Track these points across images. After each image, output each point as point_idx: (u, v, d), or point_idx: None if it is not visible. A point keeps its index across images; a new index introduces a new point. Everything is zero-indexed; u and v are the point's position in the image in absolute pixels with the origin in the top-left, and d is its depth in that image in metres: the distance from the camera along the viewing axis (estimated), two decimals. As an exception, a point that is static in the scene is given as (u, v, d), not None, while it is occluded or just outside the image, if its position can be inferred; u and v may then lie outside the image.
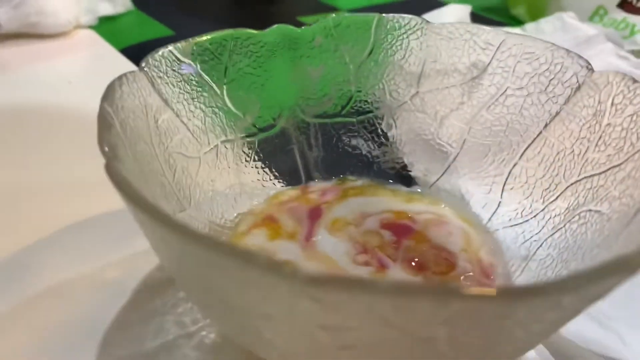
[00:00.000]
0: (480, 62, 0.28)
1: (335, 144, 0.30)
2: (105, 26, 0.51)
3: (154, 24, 0.52)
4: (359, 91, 0.30)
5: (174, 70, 0.25)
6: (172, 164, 0.24)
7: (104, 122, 0.19)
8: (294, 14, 0.54)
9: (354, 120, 0.30)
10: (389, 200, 0.28)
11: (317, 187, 0.29)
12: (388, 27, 0.29)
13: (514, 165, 0.27)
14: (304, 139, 0.30)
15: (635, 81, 0.22)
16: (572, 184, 0.24)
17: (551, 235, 0.24)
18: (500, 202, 0.27)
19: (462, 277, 0.24)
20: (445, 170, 0.29)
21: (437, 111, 0.29)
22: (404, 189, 0.29)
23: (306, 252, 0.25)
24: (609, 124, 0.23)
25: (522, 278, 0.24)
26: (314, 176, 0.30)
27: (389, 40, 0.29)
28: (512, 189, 0.27)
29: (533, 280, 0.23)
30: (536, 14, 0.54)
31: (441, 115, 0.29)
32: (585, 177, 0.23)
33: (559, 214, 0.24)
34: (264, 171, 0.29)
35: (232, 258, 0.13)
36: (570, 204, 0.24)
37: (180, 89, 0.25)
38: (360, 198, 0.28)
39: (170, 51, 0.25)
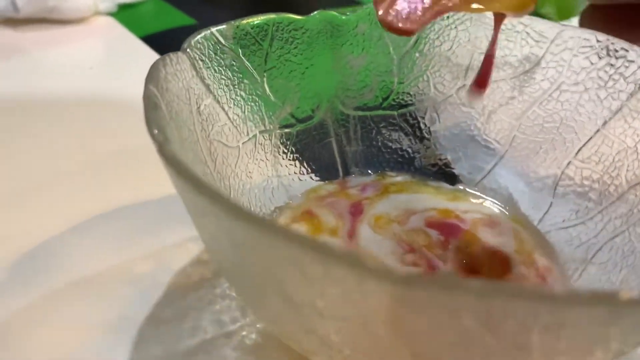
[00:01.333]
0: (533, 55, 0.26)
1: (375, 138, 0.29)
2: (125, 13, 0.49)
3: (174, 12, 0.51)
4: (402, 83, 0.29)
5: (215, 54, 0.23)
6: (213, 152, 0.22)
7: (151, 104, 0.18)
8: (315, 5, 0.53)
9: (395, 113, 0.29)
10: (433, 198, 0.27)
11: (357, 182, 0.28)
12: (433, 15, 0.27)
13: (568, 164, 0.25)
14: (342, 132, 0.28)
15: None
16: (634, 185, 0.22)
17: (612, 238, 0.23)
18: (552, 202, 0.26)
19: (517, 282, 0.23)
20: (492, 168, 0.28)
21: (484, 105, 0.28)
22: (447, 186, 0.28)
23: (351, 250, 0.24)
24: (679, 122, 0.21)
25: (580, 282, 0.23)
26: (352, 171, 0.28)
27: (436, 30, 0.28)
28: (565, 189, 0.25)
29: (594, 285, 0.22)
30: (565, 13, 0.53)
31: (489, 110, 0.28)
32: (652, 178, 0.22)
33: (620, 217, 0.23)
34: (301, 164, 0.27)
35: (311, 252, 0.12)
36: (634, 206, 0.22)
37: (221, 74, 0.24)
38: (403, 195, 0.27)
39: (212, 33, 0.23)
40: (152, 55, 0.42)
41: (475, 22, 0.27)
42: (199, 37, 0.23)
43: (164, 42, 0.45)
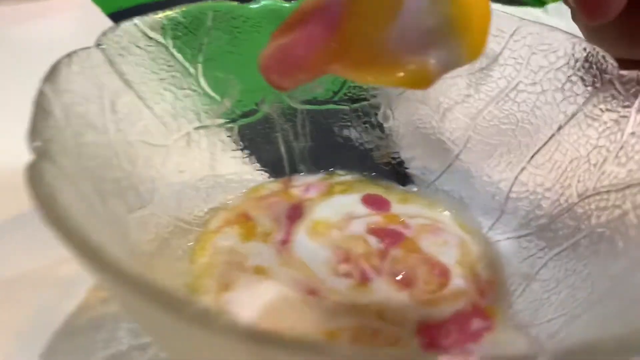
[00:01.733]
0: (491, 50, 0.25)
1: (325, 134, 0.27)
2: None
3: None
4: (354, 76, 0.27)
5: (139, 47, 0.22)
6: (132, 154, 0.21)
7: (40, 110, 0.16)
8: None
9: (347, 107, 0.27)
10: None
11: (302, 182, 0.26)
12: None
13: (522, 169, 0.24)
14: (289, 127, 0.27)
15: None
16: (584, 199, 0.21)
17: (557, 254, 0.21)
18: (504, 209, 0.24)
19: (453, 296, 0.21)
20: (446, 169, 0.26)
21: (440, 103, 0.26)
22: (398, 187, 0.27)
23: (281, 257, 0.22)
24: (632, 133, 0.20)
25: (522, 300, 0.21)
26: (300, 169, 0.27)
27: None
28: (517, 196, 0.24)
29: (534, 304, 0.21)
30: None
31: (444, 108, 0.26)
32: (600, 193, 0.20)
33: (567, 231, 0.21)
34: (242, 162, 0.26)
35: (163, 306, 0.11)
36: (581, 221, 0.21)
37: (145, 68, 0.22)
38: (348, 196, 0.26)
39: (135, 25, 0.22)
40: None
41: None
42: (118, 29, 0.21)
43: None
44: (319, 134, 0.27)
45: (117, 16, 0.44)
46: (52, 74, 0.18)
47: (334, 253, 0.23)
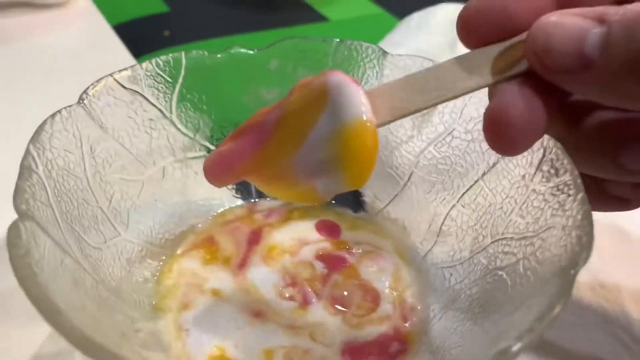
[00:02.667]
0: (432, 98, 0.27)
1: (289, 163, 0.31)
2: (104, -2, 0.51)
3: (152, -4, 0.52)
4: (316, 112, 0.30)
5: (116, 98, 0.25)
6: (108, 190, 0.25)
7: (25, 169, 0.20)
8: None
9: (309, 140, 0.30)
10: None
11: (264, 207, 0.30)
12: (346, 54, 0.29)
13: (452, 207, 0.27)
14: (256, 158, 0.30)
15: (564, 152, 0.22)
16: (494, 242, 0.24)
17: (469, 288, 0.24)
18: (436, 240, 0.27)
19: (379, 320, 0.25)
20: (393, 199, 0.29)
21: (389, 141, 0.29)
22: (351, 213, 0.30)
23: (236, 281, 0.26)
24: (534, 190, 0.23)
25: (438, 325, 0.25)
26: (265, 194, 0.30)
27: (346, 67, 0.29)
28: (449, 229, 0.27)
29: (446, 332, 0.24)
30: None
31: (392, 145, 0.29)
32: (504, 239, 0.23)
33: (480, 269, 0.24)
34: (213, 189, 0.29)
35: None
36: (489, 261, 0.24)
37: (123, 115, 0.26)
38: (303, 222, 0.29)
39: (114, 80, 0.25)
40: (120, 48, 0.44)
41: (382, 62, 0.28)
42: (98, 86, 0.25)
43: (136, 31, 0.47)
44: (283, 164, 0.30)
45: (122, 28, 0.48)
46: (36, 135, 0.22)
47: (282, 278, 0.26)
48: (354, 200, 0.30)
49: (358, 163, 0.19)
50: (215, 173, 0.22)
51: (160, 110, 0.27)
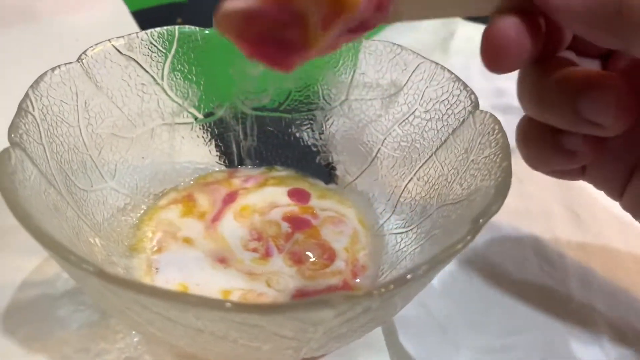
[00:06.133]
0: (399, 81, 0.30)
1: (269, 136, 0.33)
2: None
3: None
4: (297, 91, 0.33)
5: (112, 61, 0.28)
6: (99, 142, 0.28)
7: (21, 110, 0.23)
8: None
9: (290, 116, 0.33)
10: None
11: (243, 173, 0.33)
12: (325, 36, 0.31)
13: (410, 180, 0.29)
14: (240, 128, 0.33)
15: (501, 128, 0.24)
16: (438, 208, 0.27)
17: (414, 249, 0.27)
18: (394, 210, 0.30)
19: (331, 274, 0.27)
20: (361, 174, 0.32)
21: (360, 119, 0.32)
22: (322, 184, 0.33)
23: (207, 232, 0.29)
24: (472, 160, 0.25)
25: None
26: (246, 162, 0.33)
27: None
28: (405, 200, 0.30)
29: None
30: None
31: (362, 124, 0.32)
32: (445, 205, 0.26)
33: (424, 231, 0.27)
34: (197, 153, 0.32)
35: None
36: (432, 225, 0.26)
37: (117, 77, 0.29)
38: (277, 188, 0.32)
39: (112, 46, 0.28)
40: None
41: (357, 46, 0.31)
42: (96, 49, 0.28)
43: (151, 17, 0.51)
44: (264, 136, 0.33)
45: (140, 13, 0.51)
46: (36, 83, 0.25)
47: (250, 233, 0.29)
48: (326, 173, 0.33)
49: None
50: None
51: (152, 76, 0.30)
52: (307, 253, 0.28)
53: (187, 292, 0.25)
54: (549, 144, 0.23)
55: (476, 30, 0.22)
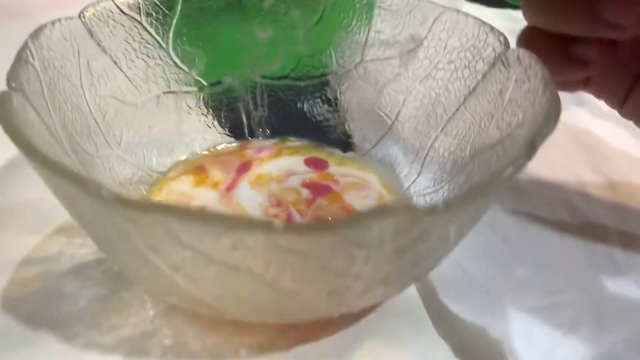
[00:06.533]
0: (418, 34, 0.28)
1: (281, 105, 0.32)
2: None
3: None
4: (308, 56, 0.31)
5: (115, 21, 0.27)
6: (103, 106, 0.26)
7: (20, 59, 0.21)
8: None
9: (301, 84, 0.31)
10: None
11: (256, 145, 0.31)
12: (338, -6, 0.30)
13: (436, 138, 0.28)
14: (250, 98, 0.31)
15: (538, 61, 0.23)
16: (472, 159, 0.25)
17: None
18: (420, 171, 0.28)
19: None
20: (381, 139, 0.30)
21: (377, 81, 0.30)
22: (339, 152, 0.31)
23: (222, 200, 0.27)
24: (509, 99, 0.23)
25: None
26: (257, 134, 0.31)
27: (339, 8, 0.30)
28: (431, 159, 0.28)
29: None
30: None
31: (380, 85, 0.30)
32: (481, 152, 0.24)
33: (459, 184, 0.25)
34: (207, 125, 0.30)
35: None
36: (468, 176, 0.24)
37: (121, 38, 0.27)
38: (293, 157, 0.30)
39: (114, 4, 0.26)
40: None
41: (372, 2, 0.29)
42: (98, 5, 0.26)
43: None
44: (276, 105, 0.32)
45: None
46: (35, 33, 0.23)
47: (268, 200, 0.27)
48: (344, 141, 0.31)
49: None
50: None
51: (157, 40, 0.28)
52: (332, 217, 0.26)
53: (227, 213, 0.22)
54: (559, 54, 0.23)
55: (479, 11, 0.21)
